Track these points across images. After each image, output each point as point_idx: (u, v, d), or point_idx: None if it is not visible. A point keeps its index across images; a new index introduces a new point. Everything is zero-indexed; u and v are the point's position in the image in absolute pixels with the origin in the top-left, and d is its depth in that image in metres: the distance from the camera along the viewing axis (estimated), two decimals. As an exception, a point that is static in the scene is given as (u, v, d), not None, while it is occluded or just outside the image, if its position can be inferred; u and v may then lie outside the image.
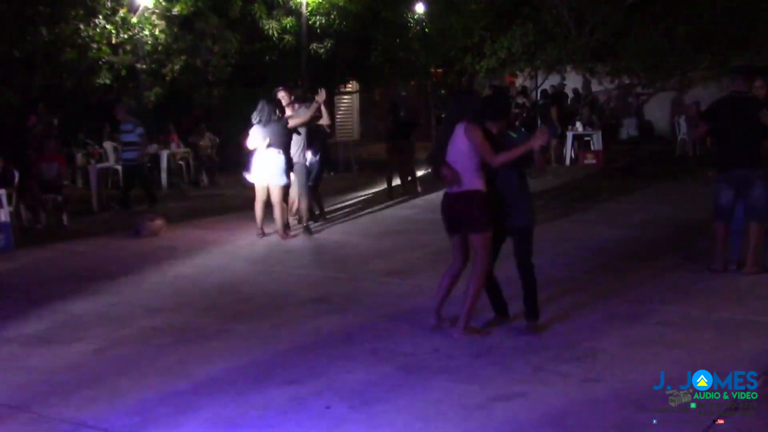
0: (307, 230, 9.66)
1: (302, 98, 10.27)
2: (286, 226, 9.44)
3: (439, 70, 21.18)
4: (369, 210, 11.67)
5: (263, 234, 9.39)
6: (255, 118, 9.15)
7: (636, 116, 22.62)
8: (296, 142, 9.44)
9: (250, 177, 9.32)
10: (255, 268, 8.03)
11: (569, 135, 17.26)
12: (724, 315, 5.83)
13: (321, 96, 9.35)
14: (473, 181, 5.26)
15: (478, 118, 5.33)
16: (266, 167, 9.11)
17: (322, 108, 9.67)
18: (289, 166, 9.23)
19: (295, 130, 9.31)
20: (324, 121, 9.99)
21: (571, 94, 21.79)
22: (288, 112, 9.46)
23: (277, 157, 9.07)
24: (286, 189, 9.31)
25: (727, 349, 5.05)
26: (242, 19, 15.63)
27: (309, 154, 9.85)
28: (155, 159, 15.11)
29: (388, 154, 13.38)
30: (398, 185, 13.01)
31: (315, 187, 10.46)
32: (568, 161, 17.18)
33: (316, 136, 10.00)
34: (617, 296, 6.46)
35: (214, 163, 15.78)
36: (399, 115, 13.33)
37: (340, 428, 4.14)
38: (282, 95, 9.59)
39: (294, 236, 9.45)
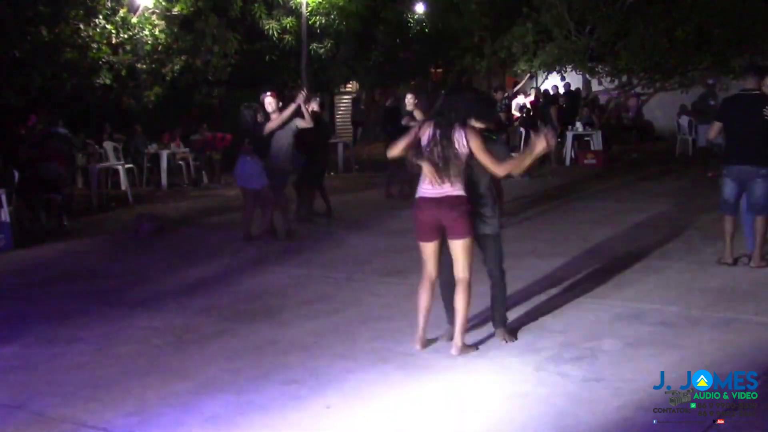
0: (289, 234, 9.33)
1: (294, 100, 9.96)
2: (289, 230, 9.37)
3: (439, 70, 21.20)
4: (369, 210, 11.66)
5: (250, 239, 9.19)
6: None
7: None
8: (284, 148, 9.14)
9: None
10: (255, 268, 8.02)
11: (569, 135, 17.26)
12: (724, 315, 5.82)
13: (300, 98, 9.10)
14: (456, 186, 5.05)
15: (467, 117, 5.09)
16: (243, 172, 9.09)
17: (304, 110, 9.19)
18: (268, 170, 9.00)
19: (271, 135, 9.00)
20: (305, 123, 9.27)
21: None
22: (273, 117, 9.03)
23: (250, 162, 8.99)
24: (270, 191, 9.05)
25: (727, 349, 5.04)
26: (242, 19, 15.68)
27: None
28: (155, 159, 15.13)
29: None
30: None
31: (310, 189, 10.46)
32: (568, 161, 17.19)
33: (300, 144, 9.54)
34: (617, 296, 6.45)
35: (214, 163, 15.78)
36: (400, 115, 12.92)
37: (340, 428, 4.14)
38: (269, 101, 9.04)
39: (298, 238, 9.40)
